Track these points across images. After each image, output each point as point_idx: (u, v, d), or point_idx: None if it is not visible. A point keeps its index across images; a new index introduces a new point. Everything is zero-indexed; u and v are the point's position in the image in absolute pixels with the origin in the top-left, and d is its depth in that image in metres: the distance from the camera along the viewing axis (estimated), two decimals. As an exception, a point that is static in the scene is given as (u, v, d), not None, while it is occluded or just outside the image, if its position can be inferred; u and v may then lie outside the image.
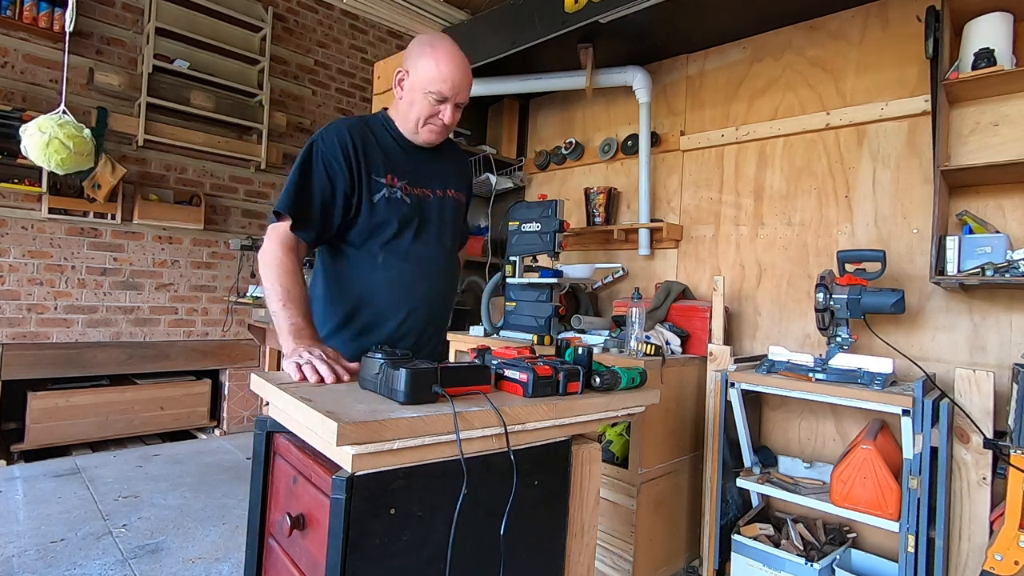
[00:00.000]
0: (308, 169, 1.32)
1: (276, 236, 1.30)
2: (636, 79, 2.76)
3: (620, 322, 2.48)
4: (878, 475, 1.72)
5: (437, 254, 1.46)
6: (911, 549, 1.64)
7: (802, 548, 1.94)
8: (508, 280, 2.60)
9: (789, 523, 2.05)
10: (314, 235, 1.33)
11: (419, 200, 1.42)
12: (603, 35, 2.57)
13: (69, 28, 2.64)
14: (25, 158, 2.78)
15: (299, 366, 1.05)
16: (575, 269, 2.63)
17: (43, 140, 2.53)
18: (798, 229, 2.39)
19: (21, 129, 2.57)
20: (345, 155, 1.33)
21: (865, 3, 2.25)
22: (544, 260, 2.57)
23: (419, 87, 1.34)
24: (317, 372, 1.03)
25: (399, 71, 1.39)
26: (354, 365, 1.10)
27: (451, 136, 1.59)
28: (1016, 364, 1.70)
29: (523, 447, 0.97)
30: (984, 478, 1.65)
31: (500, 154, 3.44)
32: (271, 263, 1.27)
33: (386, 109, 1.48)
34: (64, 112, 2.63)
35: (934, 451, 1.67)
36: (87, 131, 2.66)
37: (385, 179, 1.37)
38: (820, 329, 1.98)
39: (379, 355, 0.95)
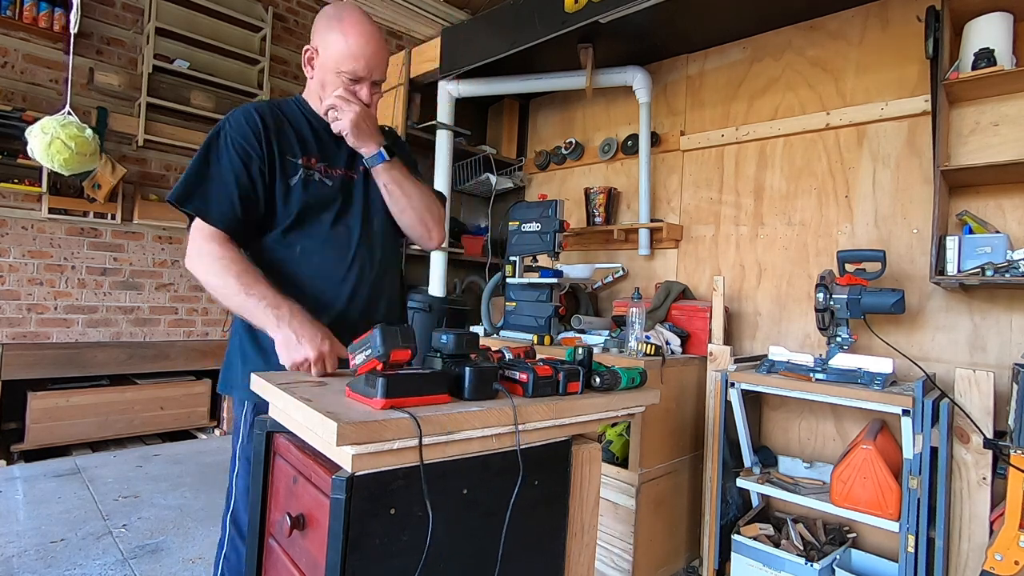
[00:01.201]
0: (216, 155, 1.19)
1: (200, 235, 1.15)
2: (636, 79, 2.76)
3: (620, 322, 2.48)
4: (878, 475, 1.72)
5: (365, 236, 1.31)
6: (911, 549, 1.64)
7: (802, 548, 1.94)
8: (508, 280, 2.60)
9: (789, 523, 2.05)
10: (237, 223, 1.18)
11: (340, 181, 1.29)
12: (603, 35, 2.57)
13: (74, 29, 2.64)
14: (26, 158, 2.79)
15: (298, 369, 1.02)
16: (575, 269, 2.63)
17: (45, 141, 2.53)
18: (798, 229, 2.39)
19: (27, 131, 2.58)
20: (255, 133, 1.20)
21: (865, 3, 2.25)
22: (544, 260, 2.58)
23: (330, 66, 1.22)
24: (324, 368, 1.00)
25: (307, 48, 1.26)
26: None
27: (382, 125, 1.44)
28: (1016, 364, 1.70)
29: (523, 447, 0.97)
30: (984, 478, 1.65)
31: (500, 154, 3.44)
32: (208, 263, 1.13)
33: (300, 93, 1.35)
34: (69, 113, 2.63)
35: (934, 451, 1.67)
36: (89, 131, 2.67)
37: (301, 160, 1.24)
38: (820, 329, 1.98)
39: (440, 354, 0.93)
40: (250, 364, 1.23)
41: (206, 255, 1.14)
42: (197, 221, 1.17)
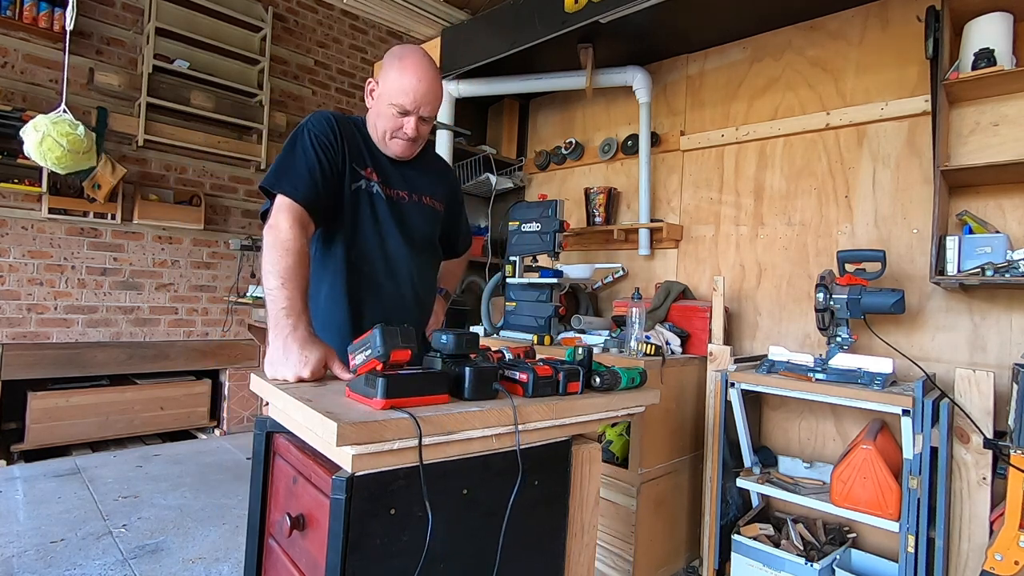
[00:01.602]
0: (301, 146, 1.30)
1: (286, 209, 1.22)
2: (636, 79, 2.76)
3: (620, 322, 2.48)
4: (878, 475, 1.72)
5: (404, 255, 1.43)
6: (911, 549, 1.64)
7: (802, 548, 1.94)
8: (508, 280, 2.60)
9: (789, 523, 2.05)
10: (316, 199, 1.27)
11: (392, 200, 1.41)
12: (603, 35, 2.57)
13: (69, 27, 2.64)
14: (26, 158, 2.79)
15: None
16: (575, 269, 2.63)
17: (37, 138, 2.53)
18: (798, 229, 2.39)
19: (22, 129, 2.58)
20: (334, 134, 1.33)
21: (865, 3, 2.25)
22: (544, 260, 2.58)
23: (385, 98, 1.34)
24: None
25: (370, 81, 1.40)
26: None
27: (432, 146, 1.62)
28: (1016, 364, 1.70)
29: (524, 447, 0.97)
30: (984, 478, 1.65)
31: (500, 154, 3.44)
32: (274, 236, 1.19)
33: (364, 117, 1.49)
34: (64, 111, 2.63)
35: (934, 451, 1.67)
36: (82, 128, 2.66)
37: (365, 171, 1.37)
38: (820, 329, 1.98)
39: (440, 355, 0.93)
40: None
41: (279, 229, 1.20)
42: (280, 199, 1.24)
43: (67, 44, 2.88)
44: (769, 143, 2.50)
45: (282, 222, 1.21)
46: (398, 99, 1.31)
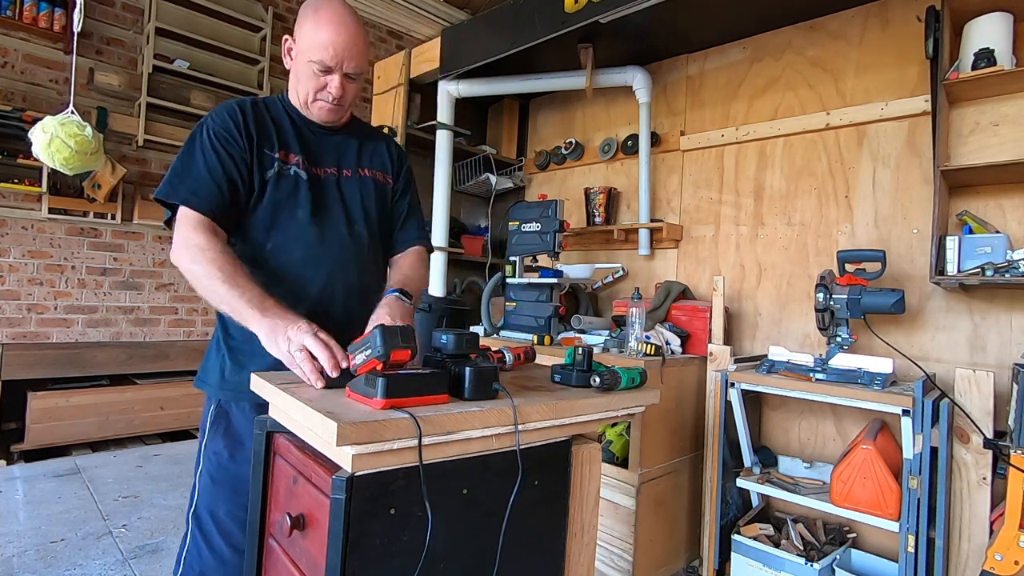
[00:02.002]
0: (200, 147, 1.18)
1: (187, 224, 1.13)
2: (636, 79, 2.76)
3: (620, 322, 2.48)
4: (878, 475, 1.72)
5: (343, 240, 1.28)
6: (911, 549, 1.64)
7: (802, 548, 1.94)
8: (508, 280, 2.60)
9: (789, 523, 2.05)
10: (223, 207, 1.17)
11: (320, 179, 1.27)
12: (603, 35, 2.57)
13: (77, 29, 2.64)
14: (26, 158, 2.79)
15: (290, 356, 0.97)
16: (575, 269, 2.63)
17: (45, 140, 2.54)
18: (798, 229, 2.39)
19: (31, 131, 2.58)
20: (236, 123, 1.20)
21: (865, 3, 2.25)
22: (544, 260, 2.58)
23: (303, 56, 1.20)
24: (311, 360, 0.94)
25: (286, 39, 1.25)
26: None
27: (367, 123, 1.42)
28: (1016, 364, 1.70)
29: (523, 447, 0.97)
30: (984, 478, 1.65)
31: (500, 154, 3.44)
32: (192, 253, 1.09)
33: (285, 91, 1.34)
34: (72, 112, 2.63)
35: (934, 451, 1.67)
36: (89, 129, 2.66)
37: (278, 154, 1.23)
38: (820, 329, 1.98)
39: (439, 355, 0.92)
40: (216, 360, 1.24)
41: (192, 246, 1.11)
42: (182, 211, 1.15)
43: (75, 47, 2.89)
44: (769, 143, 2.50)
45: (190, 237, 1.11)
46: (317, 55, 1.17)
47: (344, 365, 0.95)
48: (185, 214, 1.14)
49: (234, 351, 1.23)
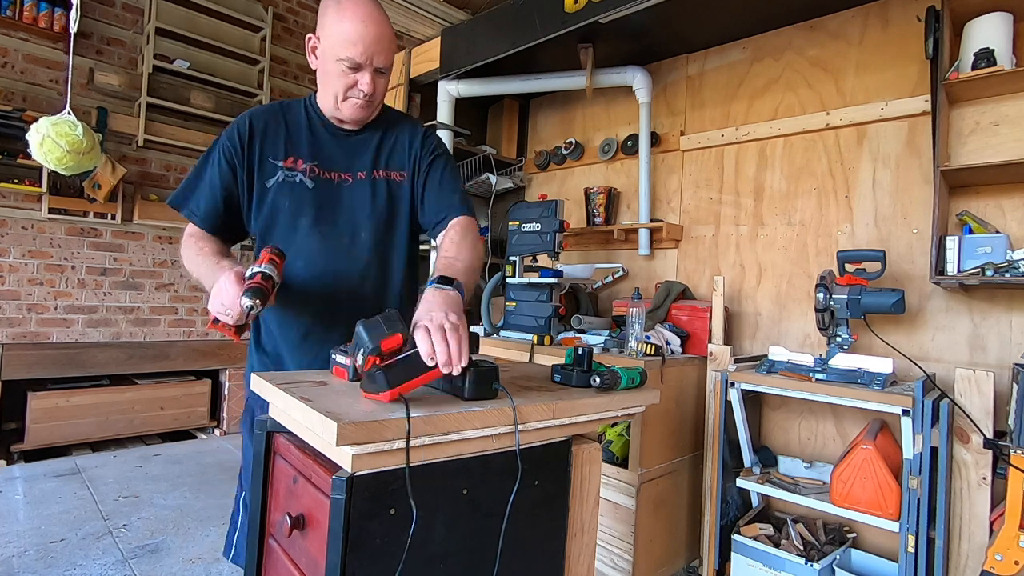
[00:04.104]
0: (209, 162, 1.24)
1: (186, 230, 1.27)
2: (636, 79, 2.76)
3: (620, 322, 2.48)
4: (878, 475, 1.72)
5: (345, 247, 1.25)
6: (911, 549, 1.64)
7: (802, 548, 1.94)
8: (508, 280, 2.60)
9: (789, 523, 2.05)
10: (221, 225, 1.24)
11: (328, 185, 1.25)
12: (603, 35, 2.57)
13: (73, 28, 2.64)
14: (26, 158, 2.79)
15: (214, 312, 1.05)
16: (575, 269, 2.63)
17: (37, 139, 2.54)
18: (798, 229, 2.39)
19: (28, 132, 2.59)
20: (240, 137, 1.22)
21: (865, 3, 2.25)
22: (544, 260, 2.58)
23: (330, 54, 1.15)
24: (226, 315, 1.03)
25: (309, 37, 1.22)
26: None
27: (391, 109, 1.37)
28: (1016, 364, 1.70)
29: (523, 447, 0.97)
30: (984, 478, 1.65)
31: (500, 154, 3.44)
32: (186, 247, 1.22)
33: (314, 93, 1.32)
34: (68, 112, 2.63)
35: (934, 451, 1.67)
36: (81, 129, 2.66)
37: (284, 162, 1.22)
38: (820, 329, 1.98)
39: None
40: (249, 362, 1.34)
41: (191, 245, 1.23)
42: (189, 220, 1.27)
43: (71, 47, 2.89)
44: (769, 143, 2.50)
45: (186, 240, 1.24)
46: (345, 51, 1.13)
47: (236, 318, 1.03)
48: (188, 224, 1.27)
49: (261, 352, 1.31)
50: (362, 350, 0.89)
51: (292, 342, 1.26)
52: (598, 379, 1.09)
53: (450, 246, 1.20)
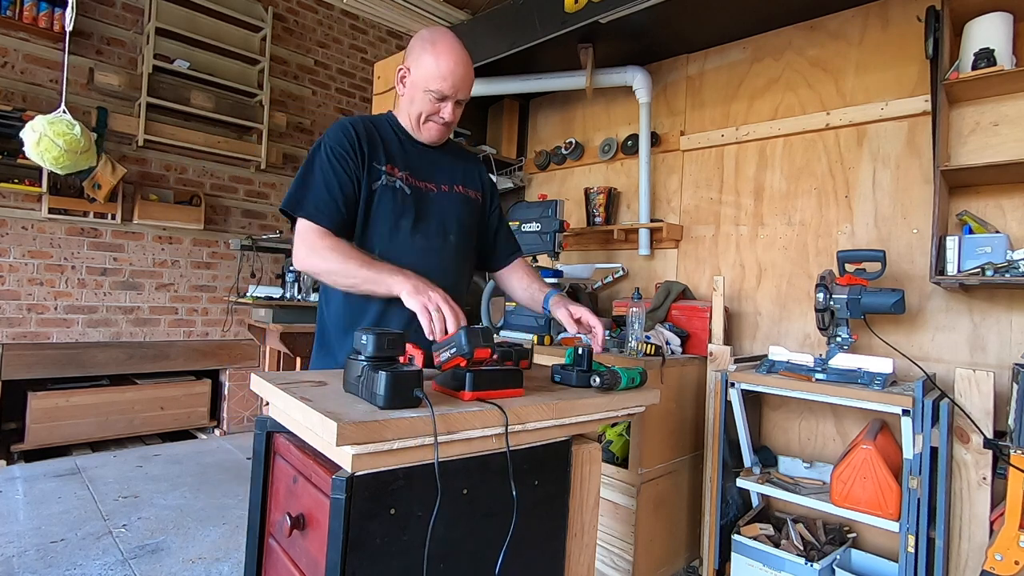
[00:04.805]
0: (320, 165, 1.31)
1: (312, 234, 1.26)
2: (636, 79, 2.76)
3: (620, 322, 2.48)
4: (878, 475, 1.72)
5: (439, 248, 1.40)
6: (911, 549, 1.64)
7: (802, 548, 1.94)
8: (508, 280, 2.59)
9: (789, 523, 2.05)
10: (342, 222, 1.30)
11: (421, 193, 1.39)
12: (603, 35, 2.57)
13: (69, 27, 2.64)
14: (26, 158, 2.79)
15: (427, 309, 1.07)
16: (575, 269, 2.63)
17: (34, 139, 2.54)
18: (798, 229, 2.39)
19: (22, 131, 2.59)
20: (350, 141, 1.33)
21: (865, 3, 2.25)
22: (544, 260, 2.58)
23: (419, 84, 1.34)
24: (444, 321, 1.06)
25: (400, 68, 1.39)
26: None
27: (451, 136, 1.58)
28: (1016, 364, 1.70)
29: (523, 447, 0.97)
30: (984, 478, 1.65)
31: (500, 154, 3.44)
32: (325, 255, 1.23)
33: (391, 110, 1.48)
34: (64, 111, 2.63)
35: (934, 451, 1.67)
36: (78, 128, 2.66)
37: (385, 167, 1.35)
38: (820, 329, 1.98)
39: (362, 357, 0.90)
40: (317, 360, 1.41)
41: (321, 249, 1.25)
42: (305, 224, 1.27)
43: (67, 45, 2.89)
44: (769, 143, 2.50)
45: (317, 243, 1.25)
46: (435, 85, 1.32)
47: (453, 329, 1.05)
48: (308, 226, 1.27)
49: (325, 349, 1.39)
50: (454, 349, 0.95)
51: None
52: (598, 379, 1.09)
53: (534, 276, 1.59)
